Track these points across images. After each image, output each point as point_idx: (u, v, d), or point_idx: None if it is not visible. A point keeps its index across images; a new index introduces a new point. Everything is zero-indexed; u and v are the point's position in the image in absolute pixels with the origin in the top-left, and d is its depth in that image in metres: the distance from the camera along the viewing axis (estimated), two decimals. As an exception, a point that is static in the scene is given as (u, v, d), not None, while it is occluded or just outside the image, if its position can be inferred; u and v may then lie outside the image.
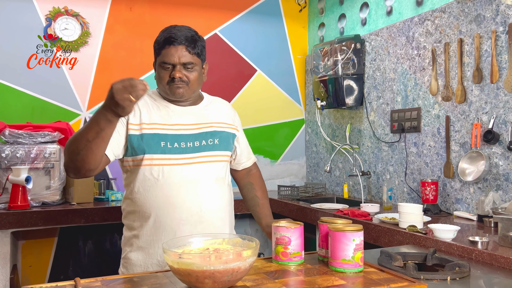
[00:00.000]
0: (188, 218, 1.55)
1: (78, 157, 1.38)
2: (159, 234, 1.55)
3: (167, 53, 1.57)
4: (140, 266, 1.57)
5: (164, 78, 1.58)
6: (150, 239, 1.56)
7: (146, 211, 1.55)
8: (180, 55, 1.56)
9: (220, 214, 1.63)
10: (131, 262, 1.58)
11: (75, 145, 1.38)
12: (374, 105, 3.13)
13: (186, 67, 1.57)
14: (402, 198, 2.87)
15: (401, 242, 1.99)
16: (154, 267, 1.56)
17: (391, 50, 2.96)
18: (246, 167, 1.85)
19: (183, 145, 1.57)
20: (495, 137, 2.24)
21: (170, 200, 1.54)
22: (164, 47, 1.58)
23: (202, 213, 1.57)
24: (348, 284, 1.10)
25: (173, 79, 1.56)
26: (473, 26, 2.40)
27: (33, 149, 2.71)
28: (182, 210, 1.55)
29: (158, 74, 1.61)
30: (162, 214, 1.54)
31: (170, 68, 1.57)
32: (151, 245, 1.56)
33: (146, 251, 1.56)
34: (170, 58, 1.56)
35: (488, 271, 1.49)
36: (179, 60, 1.56)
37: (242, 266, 1.03)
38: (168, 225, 1.54)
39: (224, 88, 3.63)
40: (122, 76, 3.49)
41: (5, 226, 2.50)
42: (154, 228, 1.55)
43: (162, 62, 1.58)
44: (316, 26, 3.86)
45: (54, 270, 3.10)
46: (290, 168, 3.92)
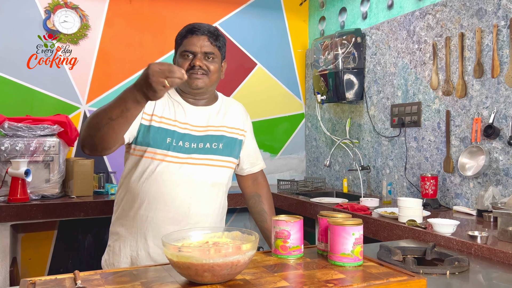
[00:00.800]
0: (175, 218, 1.53)
1: (98, 134, 1.33)
2: (144, 228, 1.54)
3: (189, 42, 1.56)
4: (119, 256, 1.56)
5: (183, 66, 1.55)
6: (134, 231, 1.55)
7: (136, 202, 1.54)
8: (202, 45, 1.55)
9: (209, 219, 1.60)
10: (114, 251, 1.58)
11: (96, 121, 1.32)
12: (374, 100, 3.12)
13: (207, 56, 1.56)
14: (401, 193, 2.87)
15: (400, 236, 1.99)
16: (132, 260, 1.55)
17: (392, 44, 2.95)
18: (251, 173, 1.80)
19: (187, 145, 1.55)
20: (496, 132, 2.24)
21: (161, 197, 1.53)
22: (187, 37, 1.57)
23: (190, 215, 1.55)
24: (347, 278, 1.10)
25: (193, 67, 1.54)
26: (474, 20, 2.38)
27: (33, 142, 2.71)
28: (171, 208, 1.53)
29: (178, 63, 1.58)
30: (151, 209, 1.53)
31: (190, 58, 1.56)
32: (134, 238, 1.55)
33: (128, 242, 1.56)
34: (192, 47, 1.55)
35: (487, 266, 1.49)
36: (200, 49, 1.55)
37: (241, 259, 1.03)
38: (154, 221, 1.53)
39: (224, 82, 3.59)
40: (122, 70, 3.47)
41: (5, 219, 2.50)
42: (140, 221, 1.54)
43: (184, 51, 1.56)
44: (316, 19, 3.84)
45: (53, 263, 3.11)
46: (289, 162, 3.92)
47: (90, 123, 1.35)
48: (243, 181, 1.82)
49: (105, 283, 1.06)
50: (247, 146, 1.76)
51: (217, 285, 1.03)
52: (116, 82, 3.32)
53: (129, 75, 3.36)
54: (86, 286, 1.03)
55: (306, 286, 1.02)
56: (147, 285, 1.04)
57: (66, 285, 1.06)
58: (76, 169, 2.83)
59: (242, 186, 1.83)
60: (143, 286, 1.03)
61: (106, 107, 1.31)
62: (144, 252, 1.55)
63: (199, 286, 1.03)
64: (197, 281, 1.04)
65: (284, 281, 1.07)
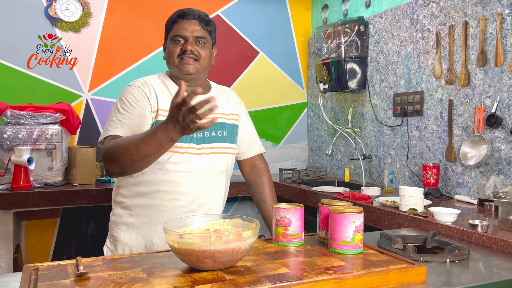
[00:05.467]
0: (190, 206, 1.57)
1: (132, 167, 1.35)
2: (157, 217, 1.55)
3: (179, 27, 1.55)
4: (128, 245, 1.57)
5: (174, 52, 1.55)
6: (146, 221, 1.56)
7: (148, 193, 1.55)
8: (193, 29, 1.55)
9: (220, 206, 1.67)
10: (121, 240, 1.58)
11: (129, 157, 1.32)
12: (377, 89, 3.11)
13: (198, 41, 1.56)
14: (403, 182, 2.87)
15: (401, 225, 1.99)
16: (142, 249, 1.56)
17: (395, 32, 2.93)
18: (247, 157, 1.81)
19: (194, 135, 1.56)
20: (498, 121, 2.23)
21: (177, 187, 1.54)
22: (177, 22, 1.56)
23: (203, 204, 1.59)
24: (347, 265, 1.10)
25: (185, 51, 1.54)
26: (478, 8, 2.36)
27: (35, 130, 2.72)
28: (186, 198, 1.56)
29: (168, 49, 1.58)
30: (165, 199, 1.54)
31: (181, 42, 1.55)
32: (146, 226, 1.56)
33: (138, 231, 1.57)
34: (183, 32, 1.55)
35: (487, 254, 1.49)
36: (192, 34, 1.55)
37: (242, 246, 1.04)
38: (168, 210, 1.55)
39: (226, 70, 3.61)
40: (124, 57, 3.44)
41: (8, 206, 2.52)
42: (152, 210, 1.55)
43: (175, 35, 1.56)
44: (319, 8, 3.82)
45: (56, 250, 3.13)
46: (291, 151, 3.92)
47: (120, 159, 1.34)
48: (242, 167, 1.84)
49: (107, 269, 1.07)
50: (242, 130, 1.77)
51: (218, 271, 1.04)
52: (119, 70, 3.32)
53: (131, 63, 3.35)
54: (88, 272, 1.04)
55: (306, 273, 1.03)
56: (149, 271, 1.05)
57: (69, 270, 1.07)
58: (79, 157, 2.84)
59: (242, 172, 1.85)
60: (145, 272, 1.04)
61: (137, 143, 1.31)
62: (159, 241, 1.56)
63: (200, 273, 1.04)
64: (198, 268, 1.05)
65: (285, 268, 1.07)
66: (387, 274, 1.07)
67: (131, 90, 1.56)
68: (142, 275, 1.02)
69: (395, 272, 1.08)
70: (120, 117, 1.50)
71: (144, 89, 1.55)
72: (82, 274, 1.02)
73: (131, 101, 1.53)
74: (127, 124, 1.49)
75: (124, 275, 1.02)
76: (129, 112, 1.51)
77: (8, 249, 2.58)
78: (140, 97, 1.53)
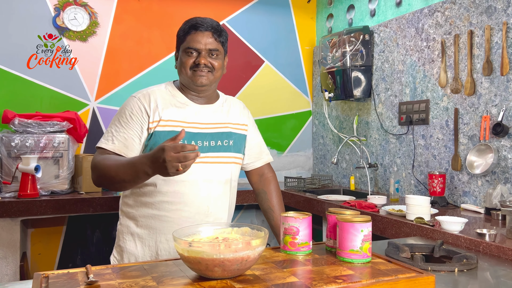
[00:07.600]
0: (195, 217, 1.55)
1: (112, 187, 1.46)
2: (162, 228, 1.55)
3: (192, 39, 1.54)
4: (133, 255, 1.58)
5: (187, 64, 1.55)
6: (151, 231, 1.56)
7: (153, 204, 1.55)
8: (206, 42, 1.54)
9: (226, 216, 1.65)
10: (127, 251, 1.59)
11: (108, 178, 1.43)
12: (382, 97, 3.11)
13: (211, 53, 1.56)
14: (409, 191, 2.87)
15: (408, 234, 1.99)
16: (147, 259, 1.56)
17: (400, 41, 2.94)
18: (255, 167, 1.81)
19: (199, 144, 1.56)
20: (504, 130, 2.23)
21: (181, 198, 1.54)
22: (190, 33, 1.55)
23: (209, 214, 1.58)
24: (356, 274, 1.10)
25: (198, 65, 1.54)
26: (483, 17, 2.37)
27: (42, 138, 2.74)
28: (191, 208, 1.55)
29: (180, 59, 1.58)
30: (170, 210, 1.54)
31: (194, 55, 1.55)
32: (151, 237, 1.56)
33: (144, 242, 1.57)
34: (196, 44, 1.54)
35: (495, 263, 1.49)
36: (205, 46, 1.54)
37: (251, 255, 1.04)
38: (173, 221, 1.54)
39: (232, 79, 3.63)
40: (131, 67, 3.46)
41: (15, 214, 2.53)
42: (157, 220, 1.55)
43: (187, 47, 1.55)
44: (324, 17, 3.84)
45: (62, 258, 3.14)
46: (296, 159, 3.93)
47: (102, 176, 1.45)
48: (250, 176, 1.83)
49: (117, 277, 1.08)
50: (249, 140, 1.76)
51: (227, 280, 1.05)
52: (125, 79, 3.34)
53: (137, 72, 3.37)
54: (98, 280, 1.05)
55: (315, 282, 1.03)
56: (159, 280, 1.05)
57: (79, 278, 1.07)
58: (85, 165, 2.86)
59: (250, 182, 1.84)
60: (154, 280, 1.05)
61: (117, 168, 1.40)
62: (164, 252, 1.56)
63: (210, 281, 1.04)
64: (207, 276, 1.05)
65: (293, 277, 1.07)
66: (396, 283, 1.06)
67: (131, 101, 1.57)
68: (152, 283, 1.03)
69: (404, 281, 1.07)
70: (114, 130, 1.55)
71: (144, 102, 1.55)
72: (92, 282, 1.03)
73: (128, 114, 1.55)
74: (117, 139, 1.53)
75: (134, 283, 1.02)
76: (123, 127, 1.54)
77: (15, 257, 2.59)
78: (137, 110, 1.54)
